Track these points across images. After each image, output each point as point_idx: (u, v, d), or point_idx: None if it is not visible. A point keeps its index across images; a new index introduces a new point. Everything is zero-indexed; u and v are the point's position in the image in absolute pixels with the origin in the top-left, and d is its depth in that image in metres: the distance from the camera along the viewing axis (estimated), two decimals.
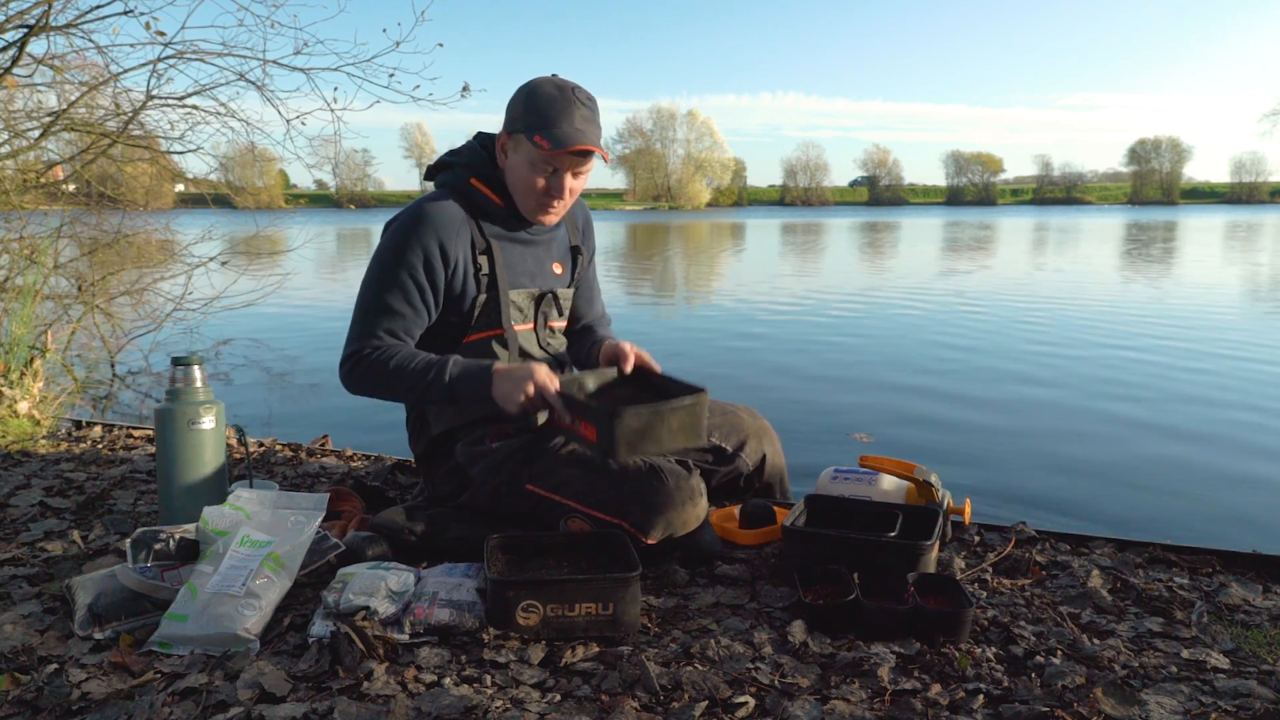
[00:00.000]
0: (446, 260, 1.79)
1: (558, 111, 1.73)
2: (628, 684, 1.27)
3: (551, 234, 1.98)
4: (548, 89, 1.76)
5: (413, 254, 1.78)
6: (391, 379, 1.75)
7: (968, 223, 42.27)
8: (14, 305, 3.96)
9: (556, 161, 1.75)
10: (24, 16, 4.28)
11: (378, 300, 1.79)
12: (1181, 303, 9.34)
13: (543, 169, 1.77)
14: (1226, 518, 2.97)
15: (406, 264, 1.78)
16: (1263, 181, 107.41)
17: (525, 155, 1.77)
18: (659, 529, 1.65)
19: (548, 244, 1.97)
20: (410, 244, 1.78)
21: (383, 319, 1.79)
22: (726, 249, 22.01)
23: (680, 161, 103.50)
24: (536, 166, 1.77)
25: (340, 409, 4.57)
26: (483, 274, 1.84)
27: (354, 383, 1.82)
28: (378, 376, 1.77)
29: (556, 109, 1.73)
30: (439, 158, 1.97)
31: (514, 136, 1.79)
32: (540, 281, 1.94)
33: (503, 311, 1.86)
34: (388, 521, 1.80)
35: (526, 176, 1.79)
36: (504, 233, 1.88)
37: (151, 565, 1.52)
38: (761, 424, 2.11)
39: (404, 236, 1.79)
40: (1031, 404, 4.67)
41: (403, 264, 1.78)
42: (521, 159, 1.78)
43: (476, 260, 1.83)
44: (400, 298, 1.79)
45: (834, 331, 7.40)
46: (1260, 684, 1.28)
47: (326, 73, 4.94)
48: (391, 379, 1.75)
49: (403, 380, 1.74)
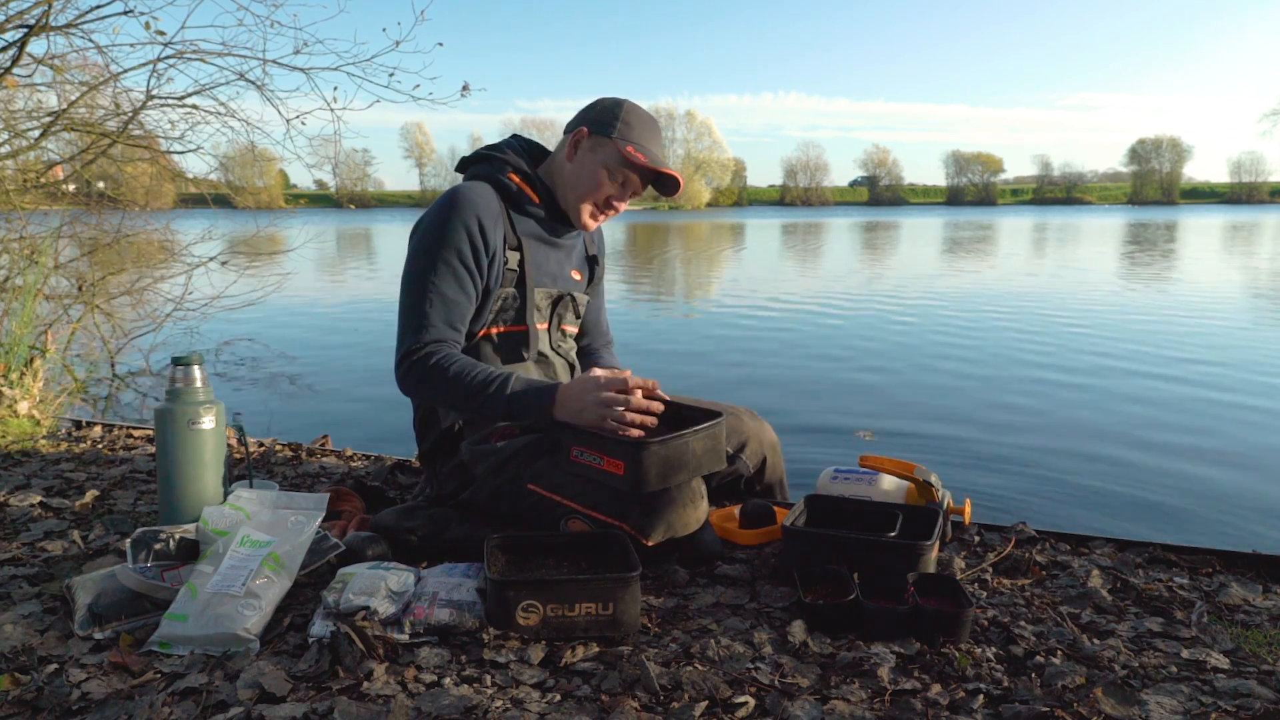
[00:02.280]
0: (487, 244, 1.77)
1: (651, 134, 1.81)
2: (628, 684, 1.27)
3: (574, 241, 2.00)
4: (643, 111, 1.83)
5: (458, 236, 1.74)
6: (451, 387, 1.69)
7: (968, 223, 42.28)
8: (14, 305, 3.96)
9: (635, 175, 1.80)
10: (24, 16, 4.28)
11: (428, 289, 1.73)
12: (1182, 303, 9.34)
13: (617, 177, 1.80)
14: (1226, 518, 2.97)
15: (453, 246, 1.74)
16: (1262, 181, 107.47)
17: (605, 158, 1.80)
18: (659, 531, 1.65)
19: (569, 250, 1.99)
20: (455, 225, 1.74)
21: (437, 308, 1.73)
22: (726, 249, 22.00)
23: (680, 161, 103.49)
24: (613, 173, 1.80)
25: (340, 409, 4.58)
26: (510, 269, 1.83)
27: (411, 385, 1.76)
28: (436, 382, 1.71)
29: (650, 131, 1.81)
30: (476, 150, 1.96)
31: (598, 138, 1.80)
32: (561, 284, 1.95)
33: (528, 309, 1.86)
34: (388, 521, 1.80)
35: (596, 177, 1.80)
36: (533, 229, 1.89)
37: (151, 565, 1.52)
38: (761, 426, 2.11)
39: (446, 220, 1.75)
40: (1032, 404, 4.67)
41: (450, 246, 1.74)
42: (598, 160, 1.80)
43: (505, 254, 1.82)
44: (452, 283, 1.74)
45: (834, 332, 7.40)
46: (1260, 684, 1.28)
47: (326, 72, 4.95)
48: (451, 387, 1.69)
49: (461, 389, 1.69)
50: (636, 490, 1.57)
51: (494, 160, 1.88)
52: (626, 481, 1.57)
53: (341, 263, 16.93)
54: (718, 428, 1.67)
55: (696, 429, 1.63)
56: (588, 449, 1.63)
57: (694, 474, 1.65)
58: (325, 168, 6.99)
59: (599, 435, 1.61)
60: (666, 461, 1.57)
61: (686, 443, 1.60)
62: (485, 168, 1.88)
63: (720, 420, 1.69)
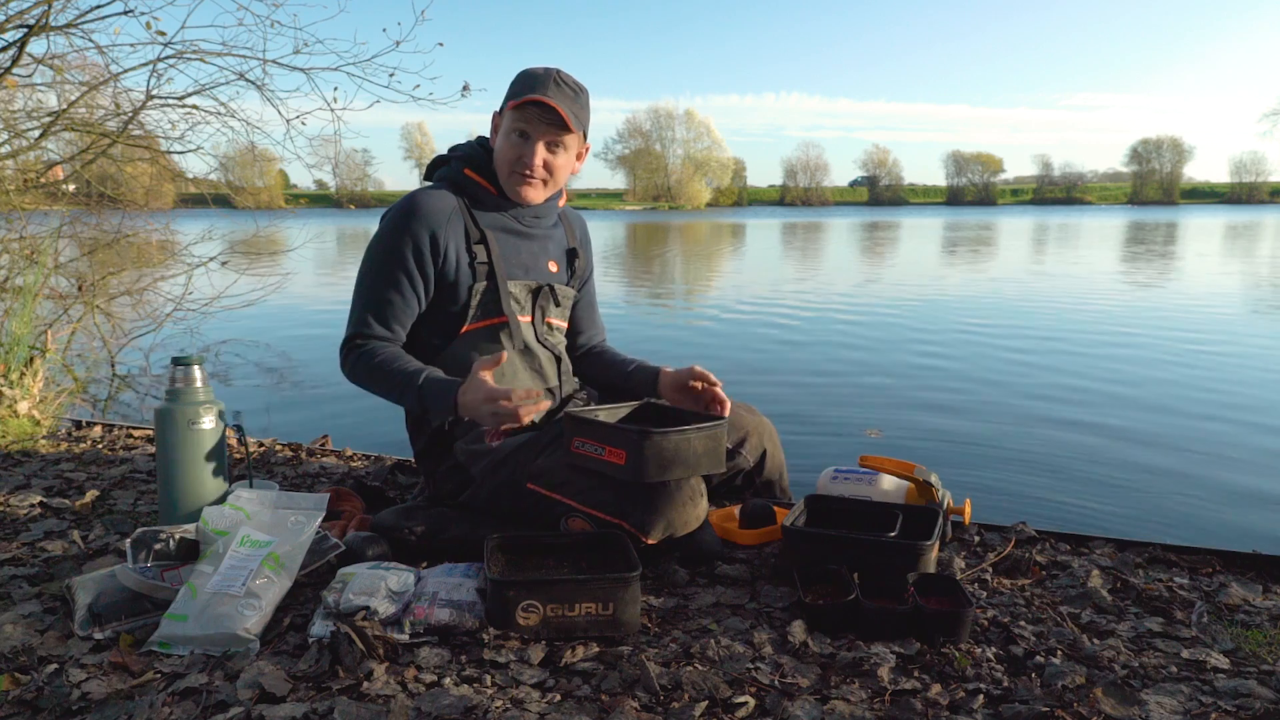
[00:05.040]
0: (437, 249, 1.84)
1: (536, 83, 1.82)
2: (628, 684, 1.27)
3: (547, 231, 2.02)
4: (535, 68, 1.86)
5: (403, 244, 1.83)
6: (375, 377, 1.81)
7: (968, 223, 42.27)
8: (14, 305, 3.96)
9: (525, 122, 1.81)
10: (24, 16, 4.28)
11: (370, 289, 1.86)
12: (1182, 303, 9.34)
13: (516, 134, 1.83)
14: (1226, 518, 2.97)
15: (397, 253, 1.84)
16: (1263, 181, 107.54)
17: (504, 125, 1.86)
18: (659, 529, 1.65)
19: (543, 240, 2.01)
20: (401, 234, 1.84)
21: (374, 307, 1.85)
22: (726, 249, 22.00)
23: (679, 161, 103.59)
24: (511, 133, 1.84)
25: (340, 409, 4.57)
26: (479, 262, 1.88)
27: (348, 372, 1.87)
28: (365, 373, 1.83)
29: (536, 81, 1.82)
30: (438, 155, 2.04)
31: (501, 113, 1.88)
32: (536, 275, 1.97)
33: (503, 299, 1.89)
34: (388, 521, 1.80)
35: (503, 146, 1.86)
36: (499, 222, 1.92)
37: (151, 565, 1.52)
38: (761, 421, 2.11)
39: (395, 227, 1.85)
40: (1032, 404, 4.67)
41: (393, 253, 1.84)
42: (502, 130, 1.87)
43: (471, 249, 1.87)
44: (391, 287, 1.84)
45: (833, 331, 7.40)
46: (1260, 684, 1.28)
47: (326, 72, 4.95)
48: (375, 377, 1.81)
49: (383, 381, 1.80)
50: (637, 479, 1.59)
51: (451, 161, 1.96)
52: (627, 470, 1.59)
53: (341, 263, 16.92)
54: (719, 429, 1.69)
55: (699, 425, 1.66)
56: (589, 439, 1.66)
57: (693, 472, 1.65)
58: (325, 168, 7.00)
59: (602, 426, 1.66)
60: (668, 453, 1.60)
61: (688, 437, 1.63)
62: (445, 169, 1.97)
63: (722, 422, 1.71)
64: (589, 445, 1.67)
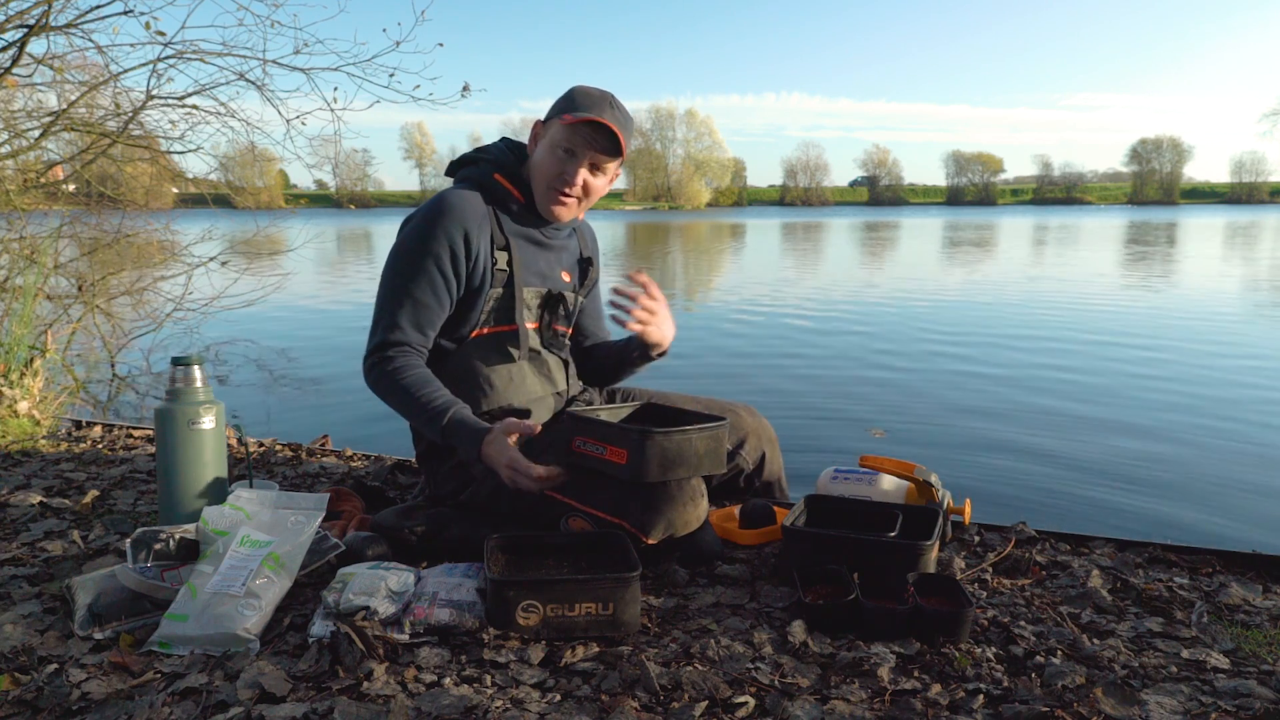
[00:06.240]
0: (469, 251, 1.81)
1: (591, 102, 1.80)
2: (628, 684, 1.27)
3: (564, 241, 2.01)
4: (590, 89, 1.83)
5: (438, 243, 1.79)
6: (401, 399, 1.77)
7: (968, 223, 42.27)
8: (14, 305, 3.96)
9: (575, 141, 1.79)
10: (24, 16, 4.28)
11: (401, 290, 1.80)
12: (1184, 303, 9.34)
13: (562, 151, 1.80)
14: (1226, 518, 2.97)
15: (432, 253, 1.79)
16: (1263, 181, 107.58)
17: (550, 138, 1.82)
18: (659, 529, 1.65)
19: (559, 251, 2.00)
20: (436, 233, 1.79)
21: (407, 310, 1.80)
22: (726, 249, 22.00)
23: (680, 161, 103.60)
24: (557, 148, 1.81)
25: (340, 409, 4.58)
26: (499, 269, 1.86)
27: (371, 383, 1.83)
28: (388, 390, 1.78)
29: (590, 100, 1.80)
30: (464, 154, 2.00)
31: (546, 124, 1.85)
32: (549, 284, 1.97)
33: (517, 307, 1.88)
34: (388, 521, 1.80)
35: (546, 159, 1.83)
36: (520, 230, 1.91)
37: (151, 565, 1.52)
38: (760, 422, 2.11)
39: (429, 226, 1.80)
40: (1032, 404, 4.67)
41: (428, 253, 1.79)
42: (546, 143, 1.83)
43: (494, 255, 1.85)
44: (426, 288, 1.80)
45: (833, 331, 7.40)
46: (1260, 684, 1.28)
47: (326, 72, 4.96)
48: (401, 399, 1.77)
49: (408, 406, 1.76)
50: (638, 479, 1.59)
51: (480, 163, 1.93)
52: (629, 470, 1.59)
53: (341, 263, 16.93)
54: (720, 429, 1.69)
55: (701, 426, 1.66)
56: (591, 439, 1.66)
57: (694, 472, 1.66)
58: (325, 168, 7.01)
59: (603, 425, 1.66)
60: (669, 453, 1.60)
61: (690, 438, 1.63)
62: (473, 170, 1.93)
63: (723, 423, 1.71)
64: (590, 445, 1.66)
